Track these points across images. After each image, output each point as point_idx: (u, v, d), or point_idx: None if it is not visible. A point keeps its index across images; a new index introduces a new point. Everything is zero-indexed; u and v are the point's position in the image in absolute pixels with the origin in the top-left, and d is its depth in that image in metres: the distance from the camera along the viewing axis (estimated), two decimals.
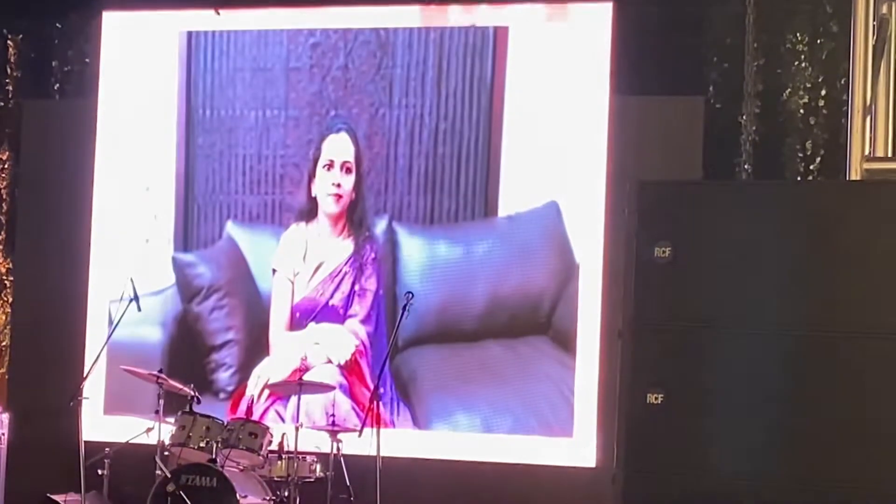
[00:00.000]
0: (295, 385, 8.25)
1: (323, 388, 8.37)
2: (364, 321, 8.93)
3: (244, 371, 9.06)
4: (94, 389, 8.87)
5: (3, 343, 10.16)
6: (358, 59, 9.13)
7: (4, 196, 10.37)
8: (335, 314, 8.96)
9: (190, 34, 9.38)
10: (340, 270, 8.98)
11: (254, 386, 8.98)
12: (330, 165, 9.07)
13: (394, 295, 8.86)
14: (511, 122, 8.86)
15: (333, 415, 8.18)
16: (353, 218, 9.01)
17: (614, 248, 8.33)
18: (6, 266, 10.27)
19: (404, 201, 9.00)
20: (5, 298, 10.23)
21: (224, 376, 9.10)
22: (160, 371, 8.24)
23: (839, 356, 5.96)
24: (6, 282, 10.25)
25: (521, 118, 8.84)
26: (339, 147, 9.08)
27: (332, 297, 8.98)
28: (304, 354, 8.77)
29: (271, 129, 9.24)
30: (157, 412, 8.03)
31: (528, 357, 8.69)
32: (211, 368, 9.11)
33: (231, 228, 9.22)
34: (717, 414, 6.01)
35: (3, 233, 10.33)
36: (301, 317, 9.00)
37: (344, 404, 8.68)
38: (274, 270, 9.07)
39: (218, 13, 8.98)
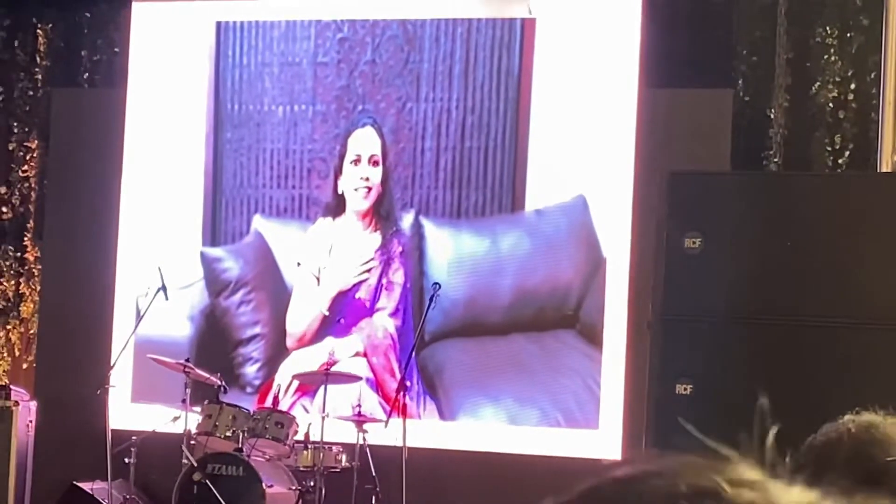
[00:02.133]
0: (321, 375, 8.29)
1: (349, 378, 8.41)
2: (392, 314, 8.96)
3: (271, 365, 9.11)
4: (121, 378, 8.92)
5: (32, 331, 10.24)
6: (385, 53, 9.16)
7: (33, 185, 10.45)
8: (362, 307, 9.00)
9: (219, 25, 9.43)
10: (367, 264, 9.02)
11: (280, 379, 9.02)
12: (357, 160, 9.11)
13: (421, 288, 8.89)
14: (538, 115, 8.88)
15: (360, 405, 8.21)
16: (381, 212, 9.05)
17: (642, 242, 8.35)
18: (35, 255, 10.34)
19: (431, 195, 9.03)
20: (33, 286, 10.31)
21: (251, 370, 9.15)
22: (187, 360, 8.29)
23: (870, 348, 5.97)
24: (34, 270, 10.33)
25: (548, 111, 8.86)
26: (365, 141, 9.13)
27: (359, 290, 9.02)
28: (332, 349, 8.80)
29: (299, 124, 9.28)
30: (183, 401, 8.08)
31: (555, 350, 8.71)
32: (238, 363, 9.16)
33: (258, 222, 9.28)
34: (745, 406, 6.05)
35: (31, 221, 10.41)
36: (329, 310, 9.03)
37: (371, 398, 8.71)
38: (298, 264, 9.11)
39: None
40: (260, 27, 9.37)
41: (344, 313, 9.03)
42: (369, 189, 9.07)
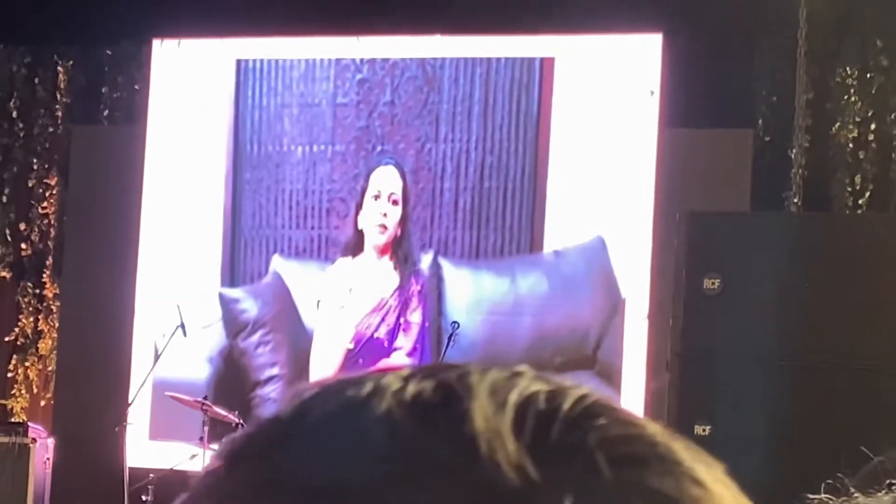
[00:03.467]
0: None
1: None
2: (410, 354, 8.99)
3: None
4: (139, 415, 8.98)
5: (50, 368, 10.30)
6: (405, 94, 9.23)
7: (52, 221, 10.53)
8: (380, 347, 9.03)
9: (239, 63, 9.51)
10: (386, 303, 9.05)
11: None
12: (377, 196, 9.16)
13: (439, 329, 8.91)
14: (557, 156, 8.93)
15: None
16: (399, 253, 9.09)
17: (661, 283, 8.34)
18: (53, 291, 10.41)
19: (450, 236, 9.07)
20: (52, 324, 10.37)
21: (269, 412, 9.13)
22: (205, 397, 8.33)
23: (890, 391, 5.96)
24: (53, 307, 10.40)
25: (567, 151, 8.91)
26: (386, 179, 9.18)
27: (377, 329, 9.05)
28: None
29: (318, 164, 9.35)
30: (201, 439, 8.12)
31: None
32: (256, 404, 9.18)
33: (277, 263, 9.33)
34: (765, 447, 6.04)
35: (50, 258, 10.48)
36: (346, 350, 9.07)
37: None
38: (318, 303, 9.16)
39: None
40: (280, 68, 9.45)
41: (362, 353, 9.06)
42: (385, 227, 9.11)
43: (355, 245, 9.17)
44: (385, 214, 9.12)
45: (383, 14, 9.18)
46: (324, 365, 9.13)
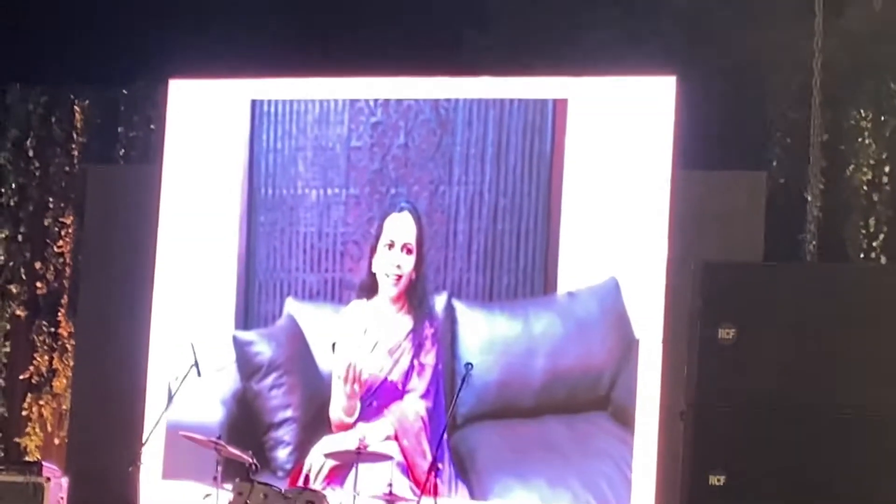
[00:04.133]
0: (353, 454, 8.32)
1: (380, 457, 8.42)
2: (423, 396, 9.01)
3: (302, 449, 9.15)
4: (152, 455, 9.01)
5: (64, 407, 10.35)
6: (418, 136, 9.27)
7: (68, 260, 10.61)
8: (394, 390, 9.05)
9: (254, 104, 9.57)
10: (399, 346, 9.08)
11: (311, 462, 9.06)
12: (391, 245, 9.20)
13: (453, 371, 8.94)
14: (570, 197, 8.96)
15: (391, 484, 8.21)
16: (413, 297, 9.12)
17: (675, 325, 8.36)
18: (68, 330, 10.47)
19: (463, 278, 9.10)
20: (66, 362, 10.42)
21: (282, 454, 9.20)
22: (218, 437, 8.33)
23: None
24: (68, 346, 10.45)
25: (580, 193, 8.94)
26: (400, 227, 9.22)
27: (390, 372, 9.07)
28: (363, 436, 8.82)
29: (332, 207, 9.40)
30: (215, 478, 8.08)
31: (587, 433, 8.72)
32: (270, 446, 9.21)
33: (291, 305, 9.36)
34: (779, 498, 6.04)
35: (65, 297, 10.55)
36: (361, 392, 9.09)
37: (401, 482, 8.71)
38: (333, 346, 9.18)
39: None
40: (294, 112, 9.50)
41: (376, 395, 9.08)
42: (399, 277, 9.15)
43: (370, 287, 9.21)
44: (399, 265, 9.15)
45: (397, 56, 9.26)
46: (340, 407, 9.14)
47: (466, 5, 9.51)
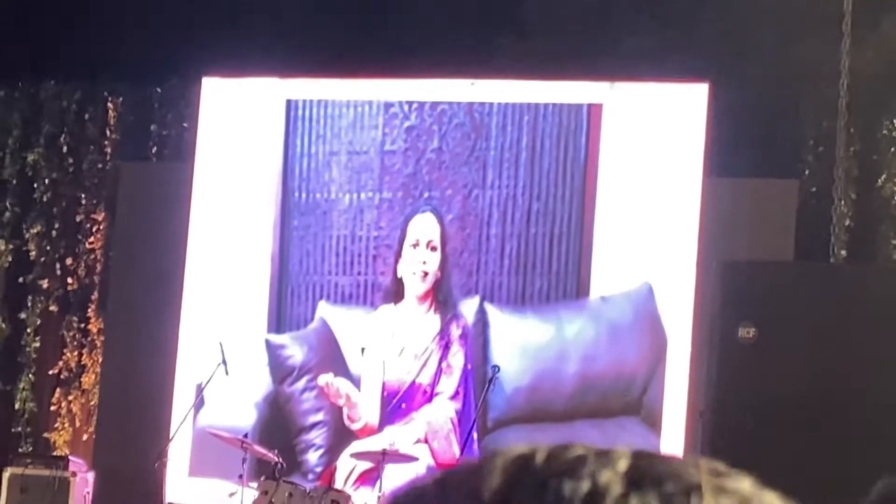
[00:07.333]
0: (379, 454, 8.65)
1: (406, 458, 8.77)
2: (452, 398, 9.36)
3: (333, 452, 9.45)
4: (179, 451, 9.35)
5: (93, 402, 10.73)
6: (452, 140, 9.62)
7: (99, 257, 10.99)
8: (422, 393, 9.41)
9: (289, 104, 9.90)
10: (427, 349, 9.43)
11: (341, 465, 9.41)
12: (416, 244, 9.54)
13: (484, 374, 9.23)
14: (604, 202, 9.29)
15: None
16: (439, 297, 9.45)
17: (703, 330, 8.62)
18: (98, 326, 10.86)
19: (496, 282, 9.44)
20: (96, 358, 10.82)
21: (313, 457, 9.50)
22: (245, 436, 8.69)
23: None
24: (97, 342, 10.85)
25: (614, 198, 9.28)
26: (424, 227, 9.58)
27: (418, 375, 9.43)
28: (392, 440, 9.12)
29: (365, 211, 9.73)
30: (240, 476, 8.45)
31: (617, 437, 8.97)
32: (301, 449, 9.51)
33: (323, 309, 9.71)
34: (800, 498, 6.42)
35: (96, 293, 10.93)
36: (389, 396, 9.45)
37: None
38: (363, 350, 9.53)
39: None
40: (328, 116, 9.84)
41: (404, 398, 9.45)
42: (426, 273, 9.49)
43: (396, 292, 9.55)
44: (425, 262, 9.51)
45: (431, 57, 9.60)
46: (369, 411, 9.51)
47: (502, 12, 9.74)
